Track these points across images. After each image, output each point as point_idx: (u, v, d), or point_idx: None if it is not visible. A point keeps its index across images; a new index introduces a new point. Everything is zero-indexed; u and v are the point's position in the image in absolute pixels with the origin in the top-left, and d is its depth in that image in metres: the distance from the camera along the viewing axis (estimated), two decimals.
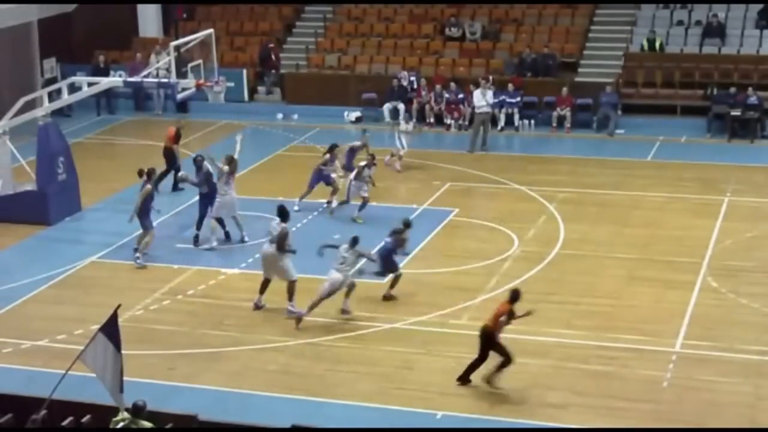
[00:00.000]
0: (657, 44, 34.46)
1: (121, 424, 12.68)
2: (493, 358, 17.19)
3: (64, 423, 12.99)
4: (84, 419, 13.30)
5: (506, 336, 18.61)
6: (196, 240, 23.84)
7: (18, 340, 19.36)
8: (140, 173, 23.38)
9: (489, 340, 17.09)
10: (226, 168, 23.29)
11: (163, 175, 27.10)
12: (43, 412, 13.15)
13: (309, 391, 17.31)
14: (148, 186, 22.93)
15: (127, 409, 12.76)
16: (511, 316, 17.10)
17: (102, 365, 12.02)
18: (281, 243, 19.91)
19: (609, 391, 17.13)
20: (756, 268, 21.88)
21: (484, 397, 16.98)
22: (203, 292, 21.38)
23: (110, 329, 12.07)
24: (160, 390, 16.79)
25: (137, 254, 22.76)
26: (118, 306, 11.64)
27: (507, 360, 17.09)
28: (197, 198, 24.60)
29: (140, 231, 22.91)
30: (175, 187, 27.26)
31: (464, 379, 17.39)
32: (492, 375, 17.18)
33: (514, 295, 17.14)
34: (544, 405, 16.72)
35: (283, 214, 20.34)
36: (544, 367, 17.95)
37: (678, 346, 18.56)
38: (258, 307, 20.48)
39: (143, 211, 22.69)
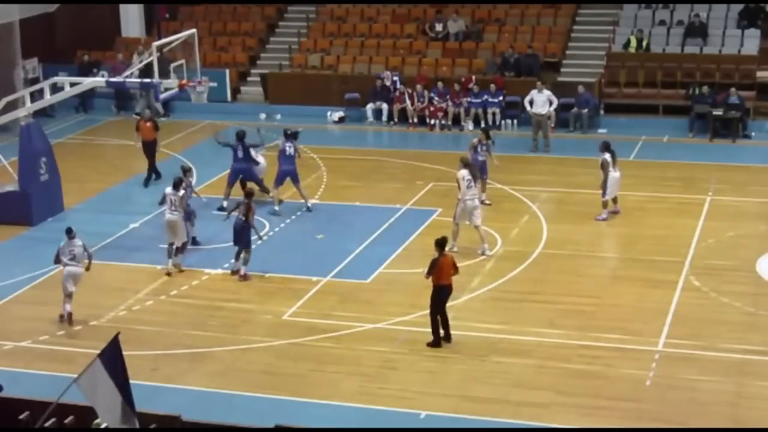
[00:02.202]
0: (644, 43, 34.56)
1: None
2: None
3: (47, 424, 12.93)
4: (67, 420, 13.25)
5: (488, 335, 18.66)
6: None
7: (0, 341, 19.29)
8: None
9: None
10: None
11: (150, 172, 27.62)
12: (26, 413, 13.10)
13: (292, 391, 17.31)
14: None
15: None
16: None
17: (101, 400, 11.81)
18: (184, 208, 22.60)
19: (592, 390, 17.18)
20: (738, 267, 21.97)
21: (468, 397, 17.01)
22: (186, 293, 21.36)
23: (111, 360, 11.78)
24: (143, 390, 16.69)
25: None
26: (118, 333, 11.57)
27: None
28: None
29: (123, 231, 22.90)
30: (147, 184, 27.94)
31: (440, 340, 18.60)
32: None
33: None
34: (527, 404, 16.74)
35: (176, 184, 22.69)
36: (527, 366, 17.99)
37: (661, 345, 18.62)
38: (168, 273, 22.17)
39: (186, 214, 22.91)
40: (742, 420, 16.25)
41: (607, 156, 24.71)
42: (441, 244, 18.75)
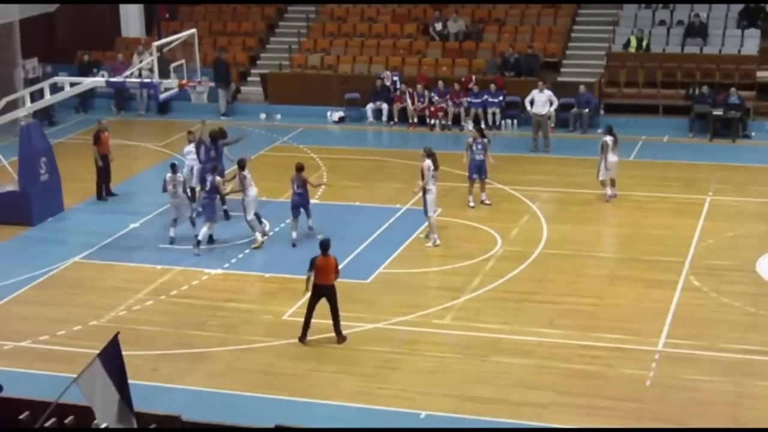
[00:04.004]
0: (644, 43, 34.57)
1: None
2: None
3: (47, 424, 12.93)
4: (67, 420, 13.25)
5: (488, 335, 18.67)
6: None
7: (0, 341, 19.30)
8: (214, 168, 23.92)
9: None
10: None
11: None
12: (26, 413, 13.10)
13: (292, 391, 17.31)
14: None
15: None
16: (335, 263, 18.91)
17: (100, 399, 11.80)
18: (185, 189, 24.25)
19: (592, 390, 17.17)
20: (738, 267, 21.96)
21: (468, 397, 17.01)
22: (186, 293, 21.36)
23: (110, 360, 11.77)
24: (143, 390, 16.72)
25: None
26: (117, 333, 11.57)
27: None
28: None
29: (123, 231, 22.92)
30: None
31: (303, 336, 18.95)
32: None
33: (323, 245, 19.01)
34: (527, 404, 16.74)
35: (173, 167, 24.02)
36: (527, 366, 17.99)
37: (661, 345, 18.62)
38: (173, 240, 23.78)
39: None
40: (742, 420, 16.25)
41: (608, 138, 25.70)
42: (324, 246, 19.03)
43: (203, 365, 18.34)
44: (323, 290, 18.79)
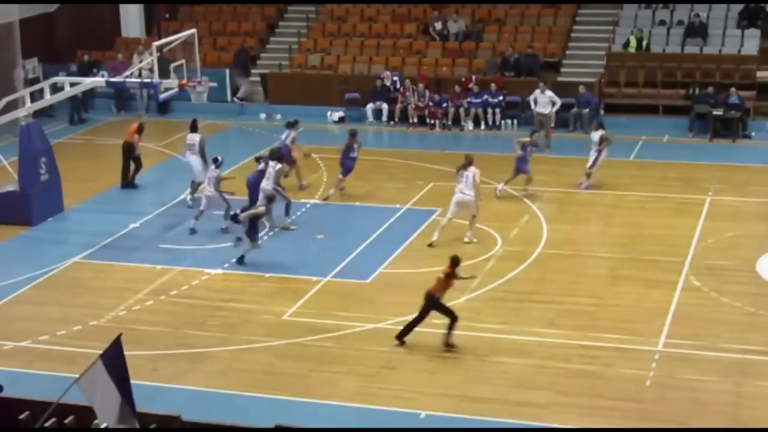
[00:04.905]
0: (644, 43, 34.57)
1: None
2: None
3: (47, 424, 12.94)
4: (67, 420, 13.26)
5: (488, 335, 18.66)
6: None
7: (0, 341, 19.29)
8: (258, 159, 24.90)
9: (431, 303, 18.39)
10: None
11: (126, 170, 27.87)
12: (26, 413, 13.10)
13: (292, 391, 17.31)
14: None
15: None
16: (450, 276, 18.50)
17: (101, 400, 11.80)
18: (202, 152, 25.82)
19: (592, 390, 17.17)
20: (738, 267, 21.96)
21: (468, 397, 17.01)
22: (186, 293, 21.35)
23: (112, 361, 11.77)
24: (143, 390, 16.69)
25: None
26: (120, 335, 11.57)
27: (453, 320, 18.35)
28: (181, 197, 24.63)
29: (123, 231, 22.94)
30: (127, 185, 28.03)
31: (401, 336, 18.63)
32: (446, 337, 18.39)
33: (455, 260, 18.65)
34: (527, 404, 16.74)
35: (194, 125, 26.35)
36: (527, 366, 17.98)
37: (661, 345, 18.61)
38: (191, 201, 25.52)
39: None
40: (742, 420, 16.25)
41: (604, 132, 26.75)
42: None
43: (203, 365, 18.34)
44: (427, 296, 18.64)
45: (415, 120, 33.95)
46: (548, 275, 21.83)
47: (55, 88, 26.94)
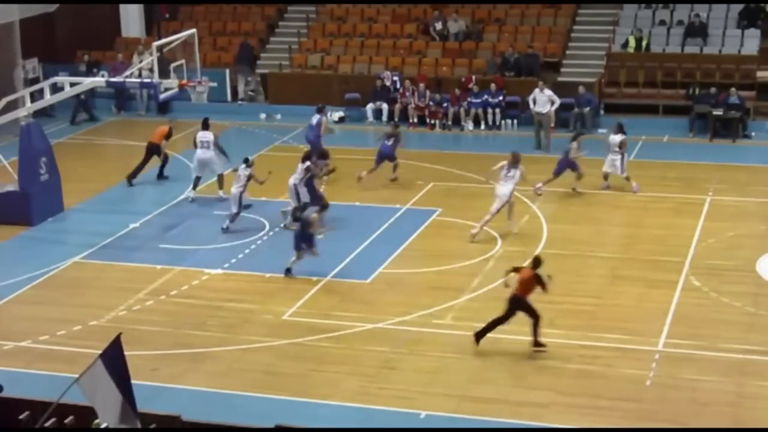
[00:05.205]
0: (644, 43, 34.57)
1: None
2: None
3: (47, 424, 12.94)
4: (67, 420, 13.25)
5: (488, 335, 18.66)
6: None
7: (0, 341, 19.29)
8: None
9: (516, 305, 18.15)
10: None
11: (141, 168, 28.16)
12: (26, 413, 13.10)
13: (293, 391, 17.30)
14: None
15: None
16: (533, 278, 18.20)
17: (102, 400, 11.79)
18: (218, 146, 26.63)
19: (592, 390, 17.17)
20: (738, 267, 21.96)
21: (468, 397, 17.01)
22: (186, 293, 21.35)
23: (112, 361, 11.75)
24: (143, 390, 16.67)
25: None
26: (120, 334, 11.57)
27: (536, 320, 18.11)
28: (180, 198, 24.62)
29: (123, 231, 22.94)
30: (161, 175, 28.54)
31: (480, 336, 18.35)
32: (534, 340, 18.18)
33: (536, 261, 18.40)
34: (527, 404, 16.74)
35: (205, 123, 26.99)
36: (527, 366, 17.98)
37: (661, 345, 18.61)
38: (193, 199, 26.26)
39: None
40: (742, 420, 16.25)
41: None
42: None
43: (203, 365, 18.34)
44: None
45: (415, 120, 33.95)
46: (548, 275, 21.78)
47: (55, 88, 26.93)
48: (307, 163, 24.40)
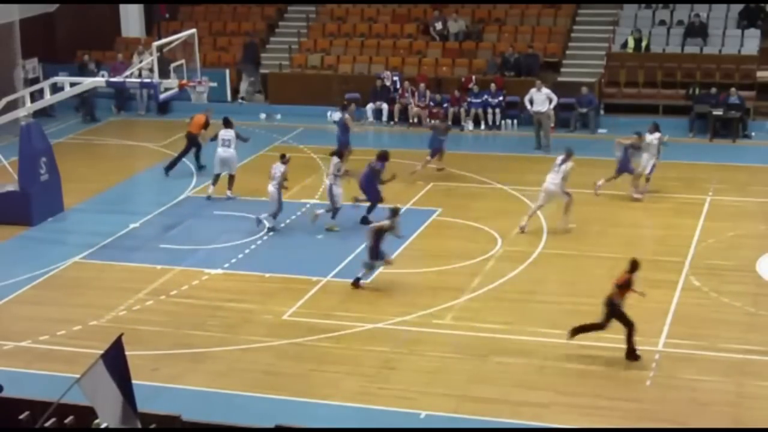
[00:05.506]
0: (643, 44, 34.57)
1: None
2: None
3: (47, 424, 12.94)
4: (67, 420, 13.25)
5: (488, 335, 18.66)
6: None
7: (0, 341, 19.29)
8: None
9: (612, 310, 17.82)
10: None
11: (180, 158, 28.63)
12: (26, 413, 13.09)
13: (293, 391, 17.30)
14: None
15: None
16: (628, 284, 17.92)
17: (103, 401, 11.78)
18: (239, 136, 26.80)
19: (592, 390, 17.17)
20: (738, 267, 21.96)
21: (468, 397, 17.01)
22: (186, 293, 21.35)
23: (114, 362, 11.74)
24: (143, 390, 16.65)
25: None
26: (121, 335, 11.57)
27: (630, 328, 17.84)
28: (182, 197, 24.61)
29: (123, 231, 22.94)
30: (201, 167, 28.96)
31: (575, 332, 18.15)
32: (629, 349, 17.91)
33: (634, 265, 18.06)
34: (527, 404, 16.73)
35: (227, 122, 27.26)
36: (528, 366, 17.98)
37: (661, 345, 18.62)
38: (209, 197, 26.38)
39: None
40: (742, 420, 16.25)
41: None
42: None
43: (203, 365, 18.33)
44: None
45: (415, 120, 33.94)
46: (549, 275, 21.83)
47: (55, 88, 26.93)
48: (336, 159, 24.50)
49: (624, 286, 17.95)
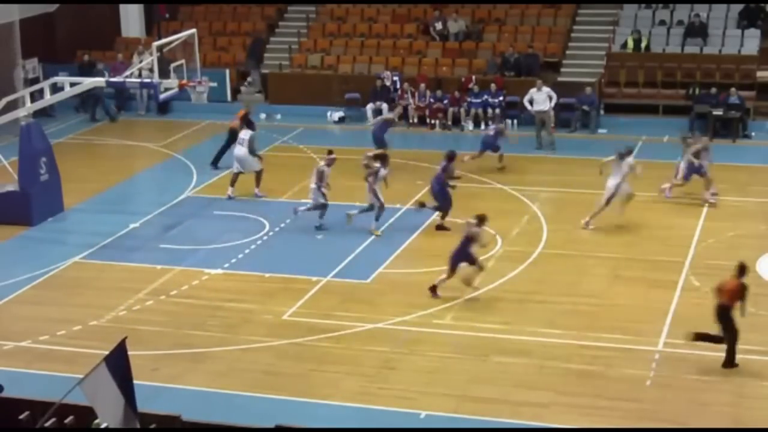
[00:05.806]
0: (643, 44, 34.56)
1: None
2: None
3: (47, 424, 12.94)
4: (67, 420, 13.25)
5: (488, 335, 18.66)
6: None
7: (0, 341, 19.29)
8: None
9: (725, 318, 17.57)
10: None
11: (223, 151, 28.90)
12: (26, 413, 13.09)
13: (292, 391, 17.30)
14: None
15: None
16: (743, 290, 17.68)
17: (104, 404, 11.77)
18: (251, 146, 26.52)
19: (592, 390, 17.17)
20: None
21: (468, 397, 17.01)
22: (186, 293, 21.35)
23: (117, 365, 11.73)
24: (143, 390, 16.64)
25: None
26: (125, 338, 11.57)
27: (736, 336, 17.59)
28: (182, 197, 24.62)
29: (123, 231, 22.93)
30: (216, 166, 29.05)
31: (730, 363, 17.70)
32: (728, 358, 17.73)
33: (743, 269, 17.89)
34: (527, 404, 16.73)
35: (249, 123, 27.38)
36: (528, 366, 17.98)
37: (661, 345, 18.62)
38: (231, 197, 26.40)
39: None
40: (742, 420, 16.25)
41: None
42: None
43: (203, 365, 18.34)
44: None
45: (415, 120, 33.94)
46: (549, 275, 21.82)
47: (55, 88, 26.93)
48: (377, 164, 24.42)
49: (737, 293, 17.68)
